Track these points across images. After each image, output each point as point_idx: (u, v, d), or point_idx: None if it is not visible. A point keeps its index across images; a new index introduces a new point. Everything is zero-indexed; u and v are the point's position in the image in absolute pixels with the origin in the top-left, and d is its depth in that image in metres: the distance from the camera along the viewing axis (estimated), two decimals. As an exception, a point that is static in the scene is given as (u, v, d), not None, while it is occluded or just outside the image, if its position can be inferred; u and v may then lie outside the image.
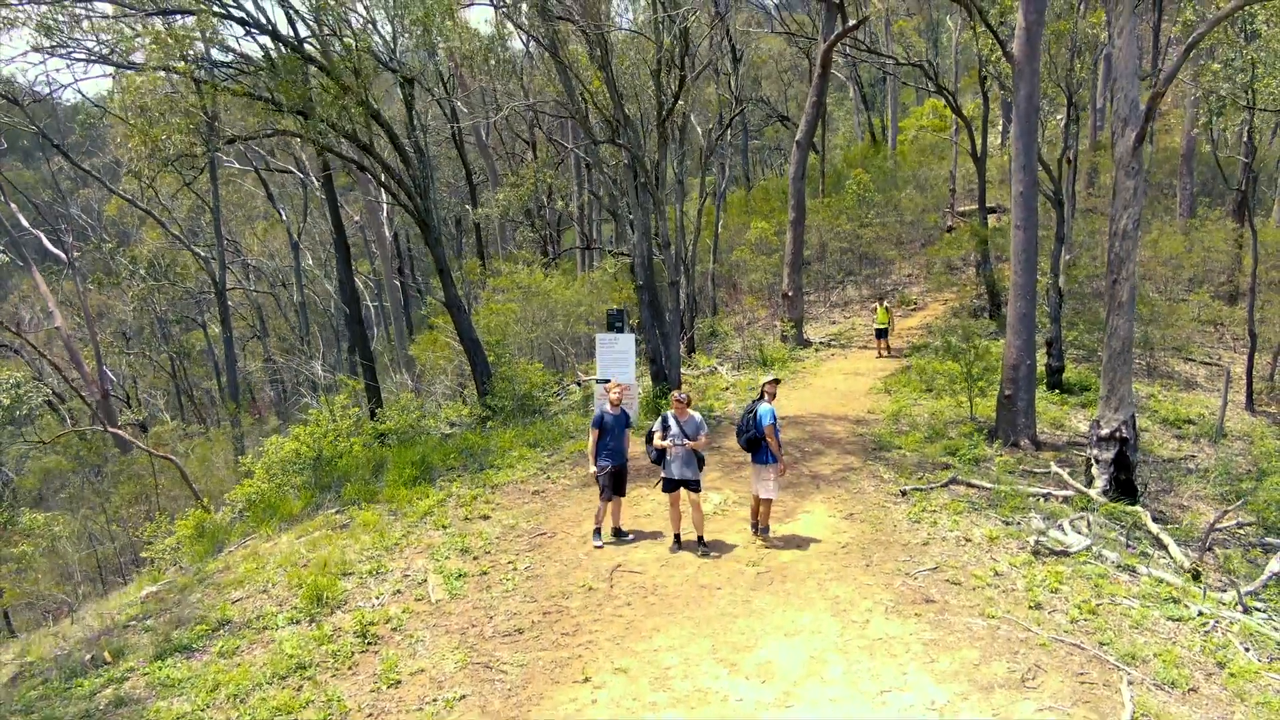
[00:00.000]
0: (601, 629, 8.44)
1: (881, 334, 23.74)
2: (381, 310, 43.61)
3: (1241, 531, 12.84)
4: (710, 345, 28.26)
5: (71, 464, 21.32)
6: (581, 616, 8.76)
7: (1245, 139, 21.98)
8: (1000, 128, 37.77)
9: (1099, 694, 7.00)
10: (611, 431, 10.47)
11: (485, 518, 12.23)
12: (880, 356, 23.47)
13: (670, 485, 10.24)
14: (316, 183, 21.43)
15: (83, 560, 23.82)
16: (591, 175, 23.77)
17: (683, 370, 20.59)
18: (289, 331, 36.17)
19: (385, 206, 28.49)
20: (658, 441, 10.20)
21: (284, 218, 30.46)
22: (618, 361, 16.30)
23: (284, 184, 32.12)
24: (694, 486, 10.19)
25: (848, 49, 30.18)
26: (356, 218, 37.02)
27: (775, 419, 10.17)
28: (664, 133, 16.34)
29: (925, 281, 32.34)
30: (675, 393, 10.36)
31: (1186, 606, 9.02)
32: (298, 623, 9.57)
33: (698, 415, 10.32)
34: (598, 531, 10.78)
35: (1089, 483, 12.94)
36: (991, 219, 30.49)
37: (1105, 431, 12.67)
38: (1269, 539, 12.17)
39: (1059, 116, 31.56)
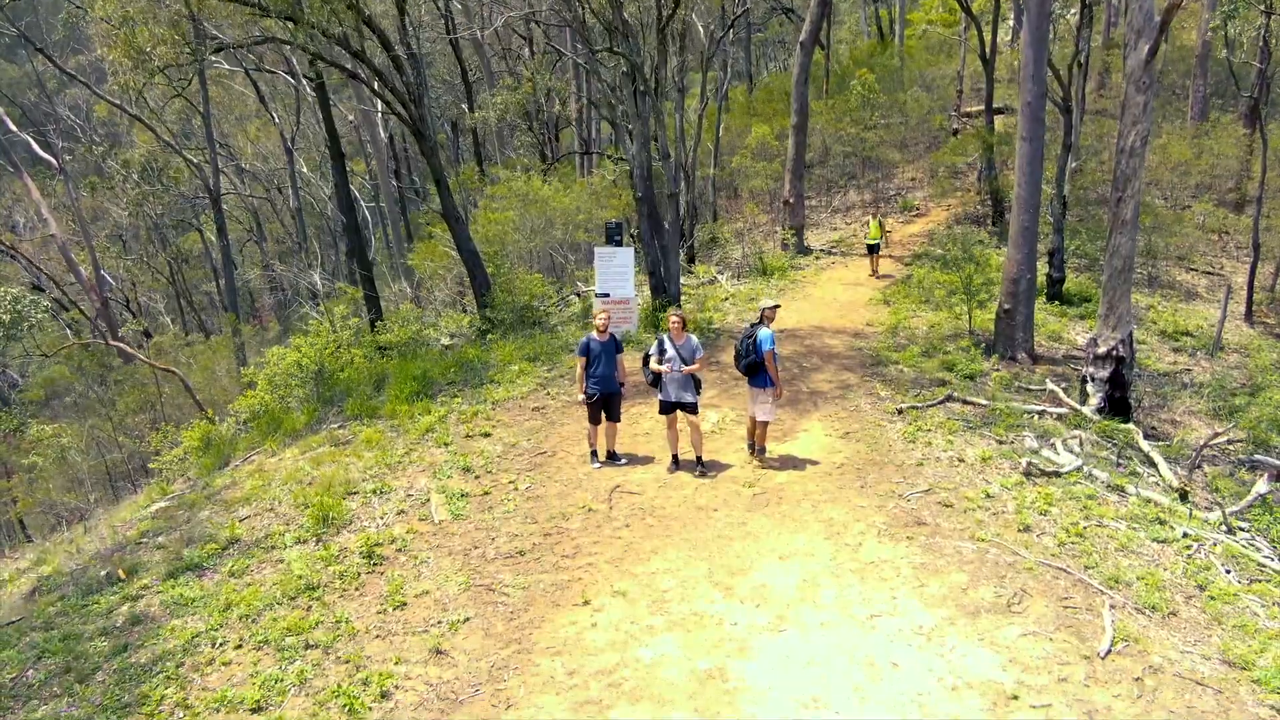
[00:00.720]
0: (601, 550, 8.68)
1: (874, 249, 22.11)
2: (379, 211, 43.05)
3: (1231, 448, 13.01)
4: (710, 252, 28.07)
5: (74, 375, 21.44)
6: (581, 538, 8.99)
7: (1261, 43, 21.30)
8: (1011, 23, 36.57)
9: (1082, 618, 7.24)
10: (599, 359, 10.47)
11: (486, 435, 12.40)
12: (873, 275, 22.11)
13: (667, 408, 10.35)
14: (308, 87, 20.79)
15: (92, 468, 24.28)
16: (590, 80, 23.07)
17: (682, 281, 20.50)
18: (286, 236, 35.84)
19: (380, 111, 27.83)
20: (654, 365, 10.25)
21: (276, 119, 29.79)
22: (616, 275, 16.24)
23: (275, 84, 31.22)
24: (691, 409, 10.30)
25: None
26: (351, 117, 36.16)
27: (774, 344, 10.19)
28: (664, 39, 15.82)
29: (929, 186, 31.85)
30: (671, 312, 10.35)
31: (1172, 528, 9.24)
32: (304, 542, 9.82)
33: (694, 338, 10.34)
34: (594, 454, 10.94)
35: (1084, 400, 13.07)
36: (999, 121, 29.81)
37: (1102, 350, 12.72)
38: (1258, 456, 12.34)
39: (1071, 12, 30.57)
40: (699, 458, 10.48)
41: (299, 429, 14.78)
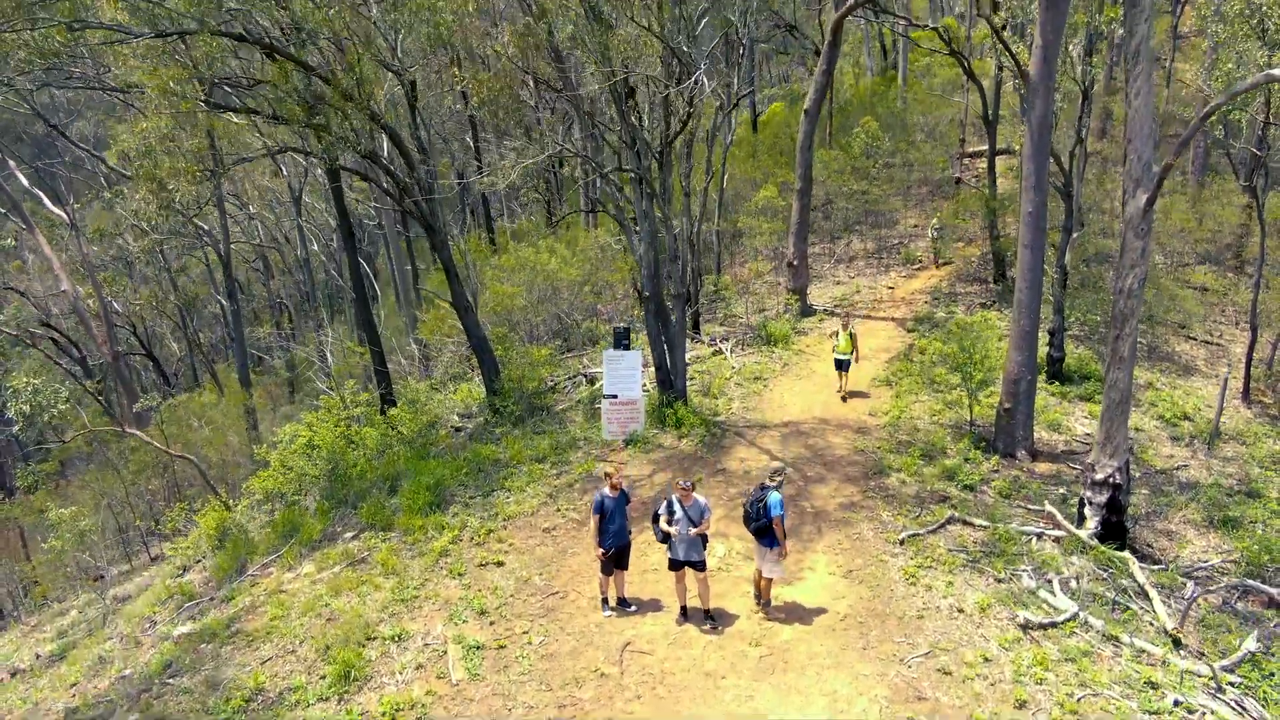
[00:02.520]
0: (614, 730, 9.04)
1: (843, 365, 18.64)
2: (384, 238, 43.22)
3: (1228, 568, 13.31)
4: (714, 308, 28.39)
5: (89, 446, 21.83)
6: (595, 713, 9.34)
7: (1259, 131, 21.57)
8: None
9: (1074, 831, 7.59)
10: (612, 515, 10.79)
11: (499, 564, 12.76)
12: (842, 398, 18.97)
13: (676, 565, 10.68)
14: (320, 172, 21.12)
15: (104, 524, 24.63)
16: (598, 135, 23.37)
17: (687, 354, 20.77)
18: (294, 286, 36.20)
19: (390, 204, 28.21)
20: (663, 526, 10.57)
21: (285, 172, 30.14)
22: (624, 378, 16.60)
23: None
24: (699, 566, 10.64)
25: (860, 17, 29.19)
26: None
27: (784, 509, 10.50)
28: (669, 153, 16.15)
29: (933, 215, 32.20)
30: (679, 481, 10.63)
31: (1164, 695, 9.58)
32: (326, 700, 10.19)
33: (701, 499, 10.65)
34: (605, 601, 11.30)
35: (1080, 522, 13.39)
36: (1001, 164, 30.11)
37: (1100, 476, 13.04)
38: (1249, 582, 12.64)
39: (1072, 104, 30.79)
40: (707, 611, 10.83)
41: (315, 537, 15.14)
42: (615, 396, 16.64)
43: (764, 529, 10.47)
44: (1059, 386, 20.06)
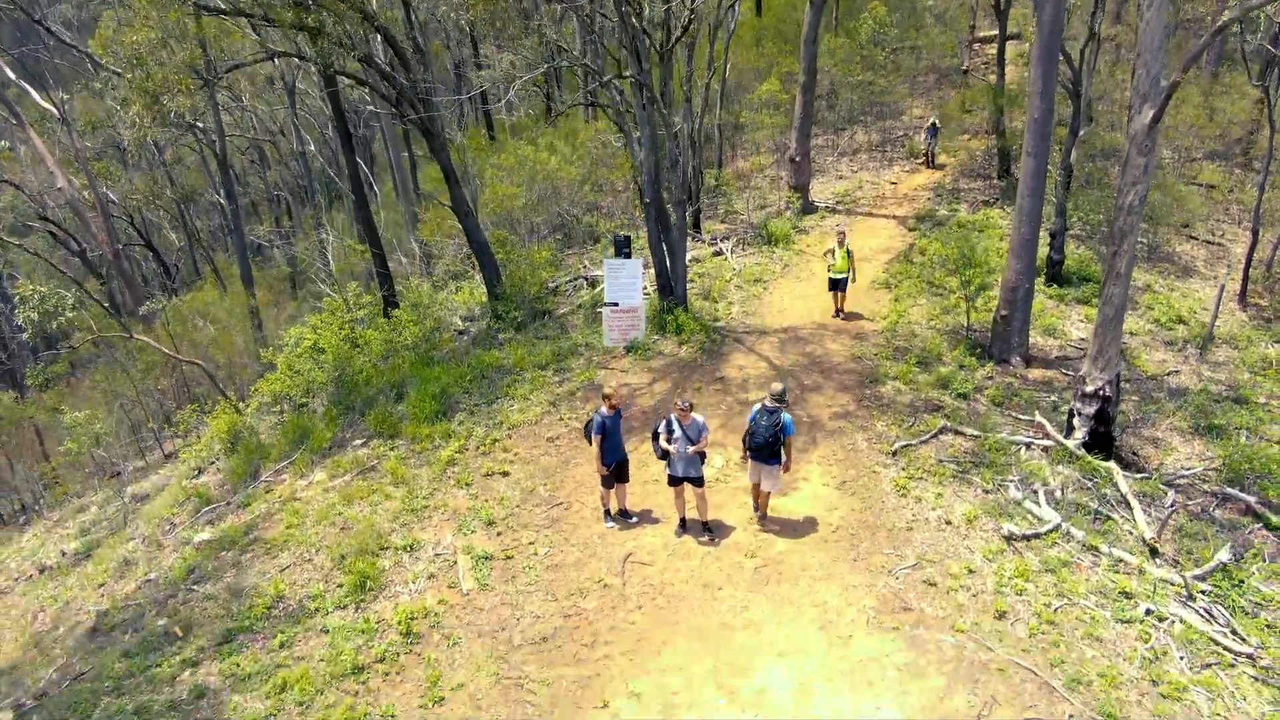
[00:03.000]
0: (616, 640, 9.60)
1: (838, 285, 17.84)
2: (384, 132, 42.24)
3: (1210, 475, 13.73)
4: (715, 203, 28.15)
5: (97, 349, 22.03)
6: (598, 622, 9.90)
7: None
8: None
9: (1043, 735, 8.20)
10: (611, 433, 11.09)
11: (505, 474, 13.21)
12: (837, 315, 18.34)
13: (675, 481, 11.07)
14: (314, 71, 20.40)
15: (117, 423, 25.16)
16: (596, 39, 22.66)
17: (688, 255, 20.73)
18: (292, 178, 35.61)
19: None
20: (663, 444, 10.89)
21: (277, 65, 29.24)
22: (625, 285, 16.70)
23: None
24: (697, 482, 11.03)
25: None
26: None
27: (794, 428, 10.85)
28: (669, 59, 15.75)
29: (935, 110, 31.60)
30: (678, 401, 10.87)
31: (1136, 605, 10.13)
32: (344, 608, 10.78)
33: (699, 418, 10.93)
34: (607, 513, 11.76)
35: (1069, 432, 13.75)
36: (1011, 50, 29.32)
37: (1090, 389, 13.32)
38: (1229, 490, 13.09)
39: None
40: (705, 523, 11.30)
41: (325, 444, 15.56)
42: (616, 304, 16.78)
43: (774, 450, 10.75)
44: (1057, 289, 20.16)
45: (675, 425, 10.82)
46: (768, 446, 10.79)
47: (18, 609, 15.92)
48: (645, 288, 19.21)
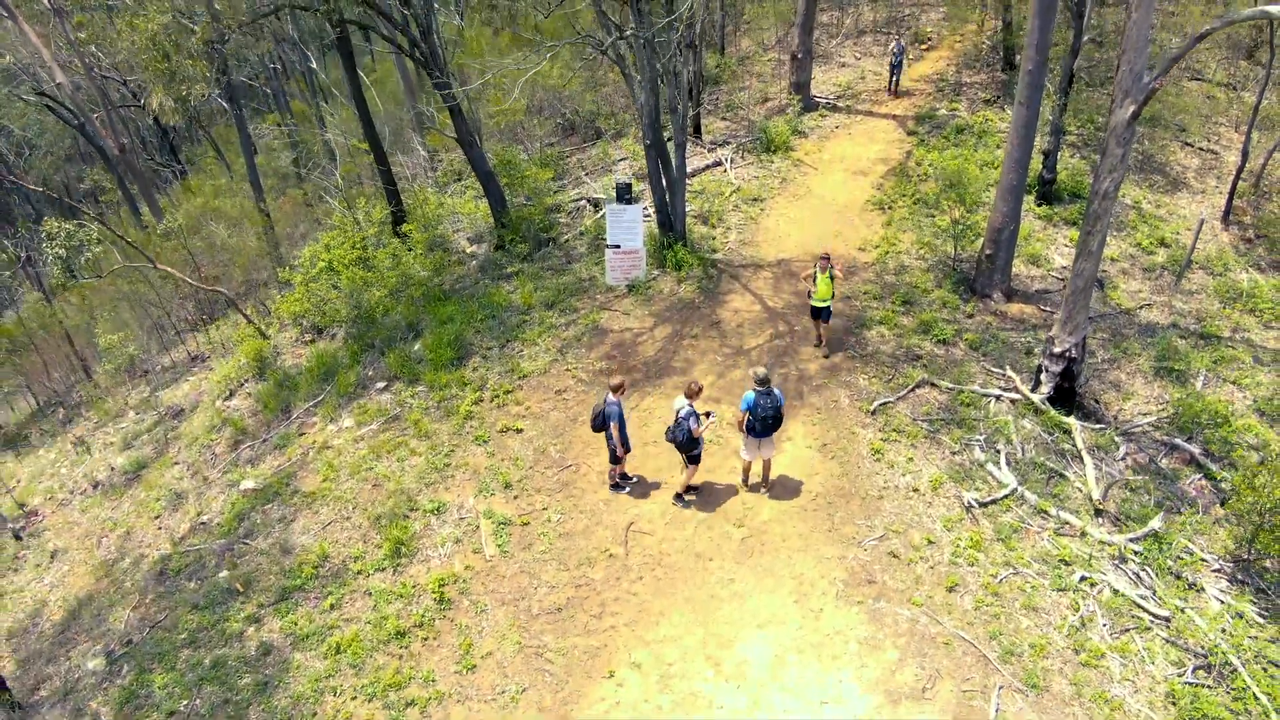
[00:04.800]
0: (620, 611, 11.19)
1: (820, 314, 15.51)
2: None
3: (1162, 423, 14.99)
4: (716, 95, 28.03)
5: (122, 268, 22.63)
6: (605, 593, 11.47)
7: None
8: None
9: (974, 707, 9.87)
10: (622, 419, 12.26)
11: (519, 430, 14.53)
12: (818, 346, 16.04)
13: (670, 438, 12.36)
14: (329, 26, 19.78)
15: (142, 323, 26.28)
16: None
17: (687, 152, 21.04)
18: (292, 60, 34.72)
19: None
20: (696, 428, 11.96)
21: None
22: (626, 229, 17.41)
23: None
24: (693, 460, 12.36)
25: None
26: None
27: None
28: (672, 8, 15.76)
29: (943, 5, 30.85)
30: (692, 385, 12.02)
31: (1072, 572, 11.66)
32: (383, 570, 12.37)
33: (698, 410, 12.09)
34: (615, 484, 13.12)
35: (1036, 385, 14.92)
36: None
37: (1058, 350, 14.38)
38: (1177, 440, 14.39)
39: None
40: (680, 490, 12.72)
41: (351, 385, 16.78)
42: (618, 246, 17.54)
43: (777, 425, 11.99)
44: (1047, 208, 20.75)
45: (684, 403, 11.97)
46: (774, 424, 12.02)
47: (80, 527, 17.66)
48: (646, 209, 19.89)
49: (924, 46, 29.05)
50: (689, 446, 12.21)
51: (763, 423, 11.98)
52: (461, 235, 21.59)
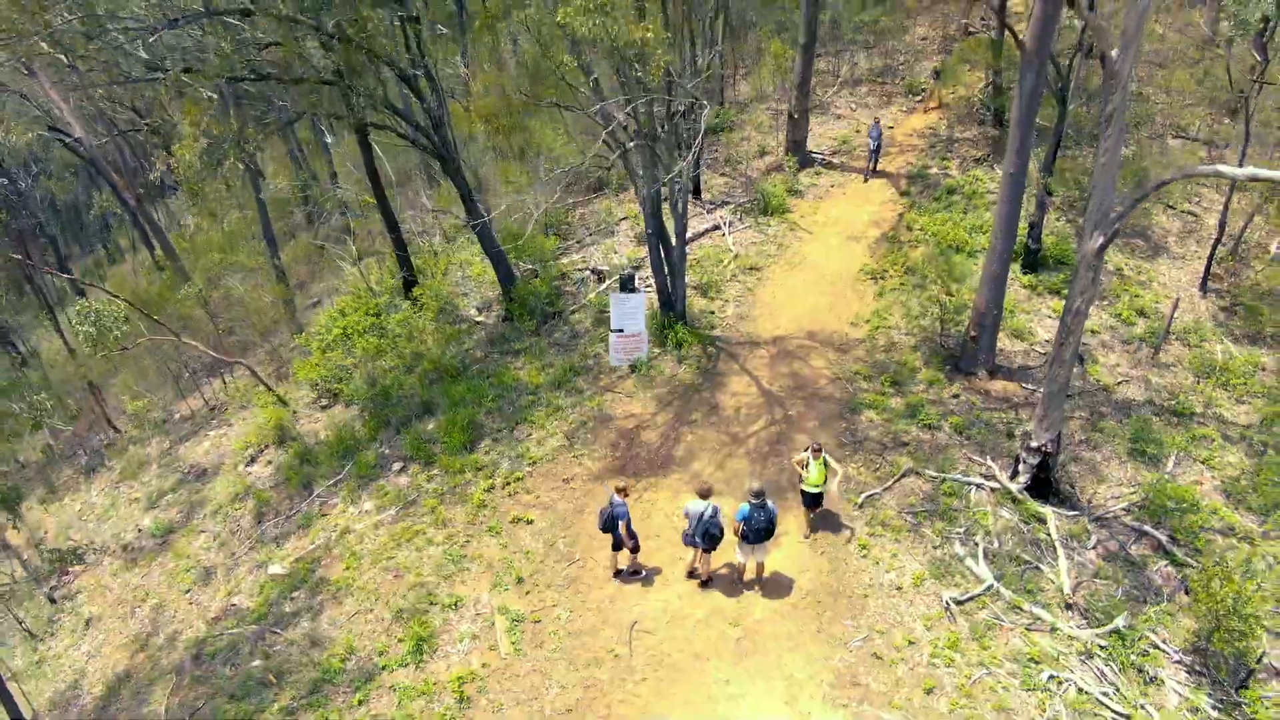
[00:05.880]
0: (626, 713, 12.20)
1: (814, 501, 14.65)
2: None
3: (1133, 508, 15.94)
4: (714, 146, 28.93)
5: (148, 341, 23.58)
6: (611, 694, 12.48)
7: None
8: None
9: (946, 813, 10.90)
10: (626, 518, 13.29)
11: (529, 522, 15.54)
12: (809, 536, 14.91)
13: (690, 541, 13.42)
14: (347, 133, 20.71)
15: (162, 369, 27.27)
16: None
17: (687, 224, 21.94)
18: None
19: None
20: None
21: None
22: (629, 315, 18.40)
23: None
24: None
25: None
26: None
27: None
28: (671, 130, 16.71)
29: (935, 57, 31.67)
30: (704, 488, 13.16)
31: (1041, 671, 12.66)
32: (407, 665, 13.39)
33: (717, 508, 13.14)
34: (618, 572, 14.16)
35: (1014, 475, 15.91)
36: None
37: (1034, 444, 15.36)
38: (1147, 527, 15.36)
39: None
40: (708, 579, 13.79)
41: (371, 465, 17.78)
42: (622, 330, 18.51)
43: (771, 534, 13.05)
44: (1033, 277, 21.67)
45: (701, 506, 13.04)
46: (767, 534, 13.09)
47: (113, 594, 18.71)
48: (648, 282, 20.87)
49: (917, 100, 29.89)
50: (715, 543, 13.28)
51: (756, 533, 13.02)
52: (470, 302, 22.56)
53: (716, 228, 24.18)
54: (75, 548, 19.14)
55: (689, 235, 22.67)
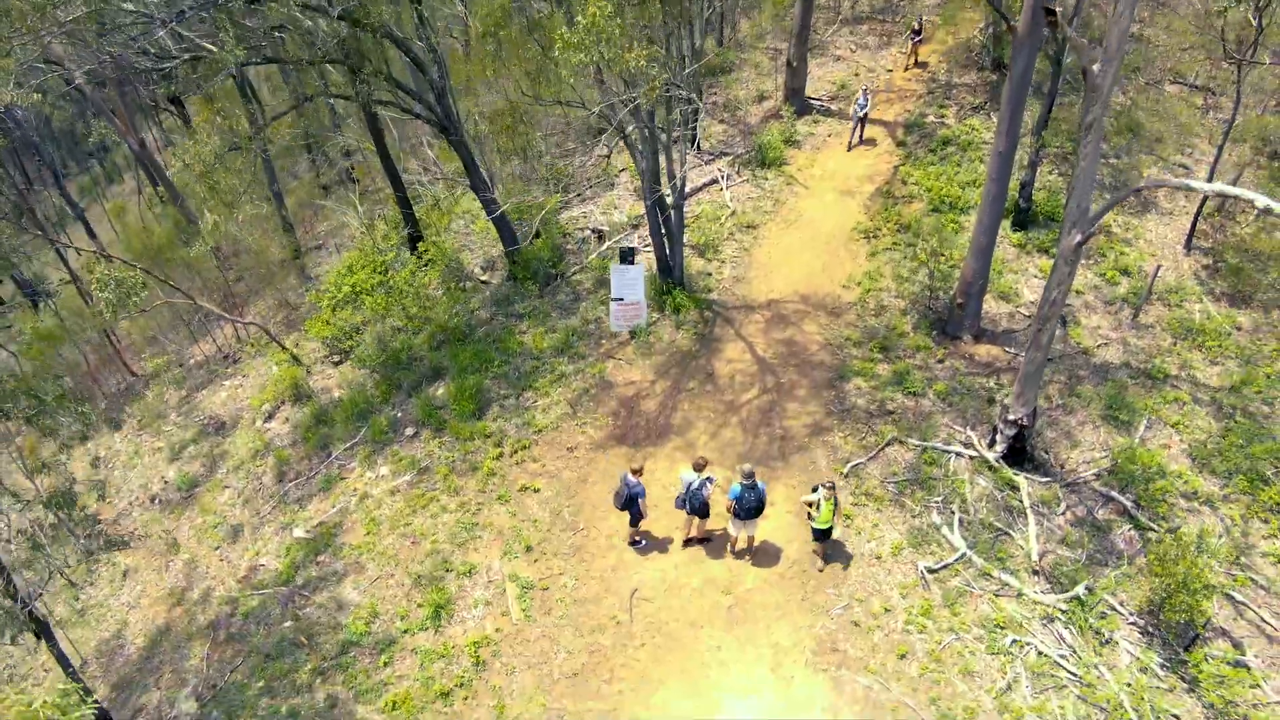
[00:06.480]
0: (626, 677, 13.47)
1: (822, 535, 14.64)
2: None
3: (1103, 473, 16.97)
4: (714, 87, 28.97)
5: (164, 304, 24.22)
6: (614, 658, 13.75)
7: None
8: None
9: (912, 770, 12.25)
10: (642, 494, 14.35)
11: (536, 490, 16.60)
12: (820, 569, 14.91)
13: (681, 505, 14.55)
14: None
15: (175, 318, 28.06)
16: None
17: (685, 178, 22.40)
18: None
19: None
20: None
21: None
22: (629, 285, 19.08)
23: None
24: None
25: None
26: None
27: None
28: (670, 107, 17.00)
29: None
30: (698, 460, 14.27)
31: (1005, 635, 13.89)
32: (426, 629, 14.65)
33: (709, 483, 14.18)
34: (634, 542, 15.32)
35: (992, 443, 16.89)
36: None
37: (1011, 418, 16.27)
38: (1113, 493, 16.42)
39: None
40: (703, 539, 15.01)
41: (384, 431, 18.76)
42: (622, 299, 19.22)
43: (760, 511, 14.13)
44: (1023, 235, 22.21)
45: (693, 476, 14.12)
46: (756, 512, 14.15)
47: (144, 547, 19.95)
48: (647, 246, 21.47)
49: (917, 38, 29.70)
50: (704, 511, 14.40)
51: (746, 511, 14.08)
52: (474, 259, 23.16)
53: (714, 181, 24.55)
54: (122, 536, 20.17)
55: (687, 190, 23.13)
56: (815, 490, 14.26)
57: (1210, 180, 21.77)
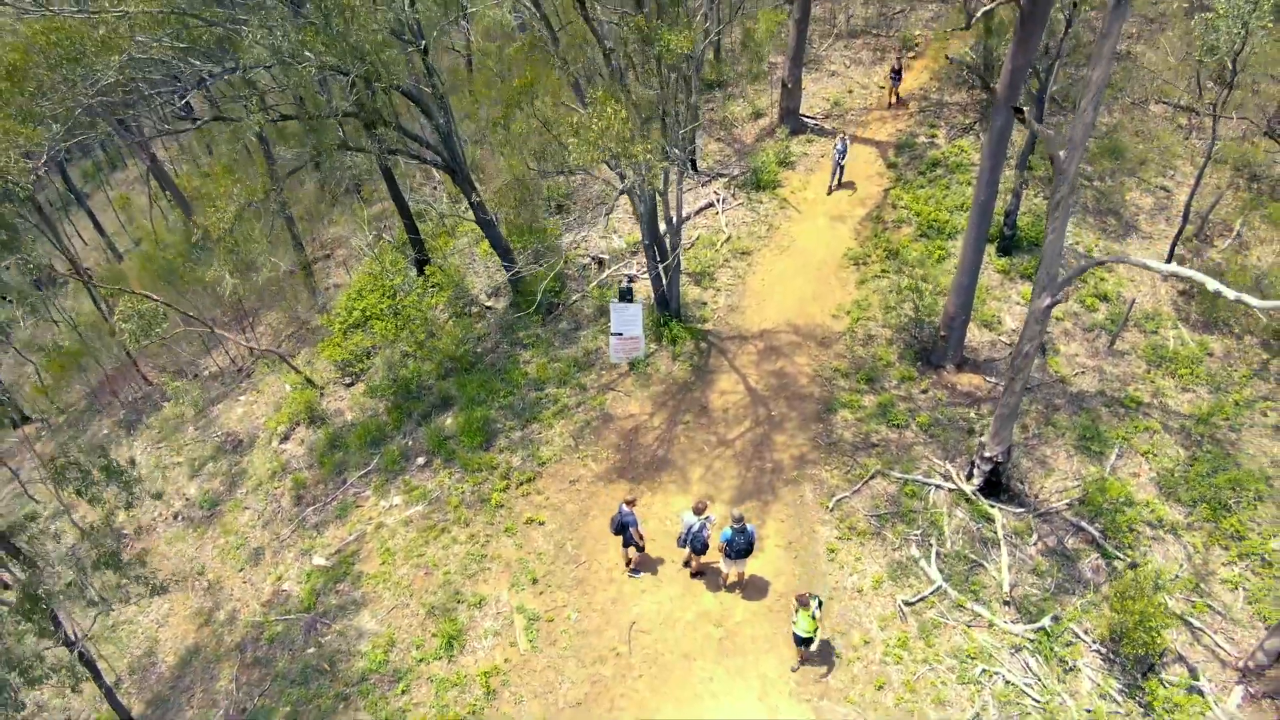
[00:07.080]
0: (626, 706, 14.63)
1: (803, 643, 14.62)
2: None
3: (1074, 503, 18.03)
4: (712, 105, 29.68)
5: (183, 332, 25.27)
6: (614, 689, 14.91)
7: None
8: None
9: (886, 796, 13.45)
10: (634, 523, 15.45)
11: (541, 523, 17.69)
12: (794, 669, 15.01)
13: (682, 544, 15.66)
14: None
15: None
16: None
17: (684, 187, 23.26)
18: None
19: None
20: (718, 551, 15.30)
21: None
22: (628, 321, 20.05)
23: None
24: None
25: None
26: None
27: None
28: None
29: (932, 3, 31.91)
30: (699, 503, 15.27)
31: (975, 666, 15.04)
32: (440, 659, 15.82)
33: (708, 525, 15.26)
34: (634, 570, 16.43)
35: (970, 476, 17.95)
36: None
37: (988, 454, 17.32)
38: (1082, 523, 17.49)
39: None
40: (699, 571, 16.12)
41: (396, 461, 19.84)
42: (621, 334, 20.19)
43: (749, 552, 15.23)
44: (1007, 261, 23.10)
45: (694, 519, 15.20)
46: (746, 553, 15.26)
47: (170, 563, 21.08)
48: (644, 273, 22.36)
49: (910, 55, 30.36)
50: (704, 549, 15.52)
51: (737, 552, 15.18)
52: (480, 284, 24.09)
53: (711, 205, 25.39)
54: (163, 583, 21.10)
55: (685, 214, 23.99)
56: (805, 604, 14.16)
57: (1190, 200, 22.62)
